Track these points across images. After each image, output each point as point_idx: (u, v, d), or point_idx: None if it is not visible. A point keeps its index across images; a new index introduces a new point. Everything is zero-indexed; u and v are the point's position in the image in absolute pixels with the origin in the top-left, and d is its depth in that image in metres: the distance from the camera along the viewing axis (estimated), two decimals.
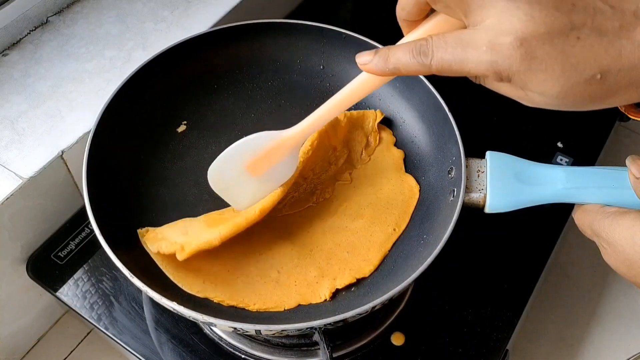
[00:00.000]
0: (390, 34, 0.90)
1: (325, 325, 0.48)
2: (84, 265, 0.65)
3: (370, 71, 0.42)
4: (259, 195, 0.54)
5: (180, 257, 0.52)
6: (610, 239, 0.47)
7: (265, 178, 0.52)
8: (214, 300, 0.53)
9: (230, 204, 0.54)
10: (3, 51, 0.70)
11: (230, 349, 0.60)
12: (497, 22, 0.34)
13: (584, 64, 0.33)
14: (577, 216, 0.52)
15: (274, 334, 0.57)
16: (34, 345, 0.72)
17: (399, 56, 0.39)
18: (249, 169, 0.51)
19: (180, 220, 0.57)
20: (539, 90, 0.35)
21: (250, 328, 0.47)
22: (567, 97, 0.35)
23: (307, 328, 0.48)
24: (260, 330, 0.48)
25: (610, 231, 0.47)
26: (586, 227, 0.50)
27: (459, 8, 0.36)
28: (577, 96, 0.34)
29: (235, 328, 0.47)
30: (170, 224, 0.56)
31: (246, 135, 0.65)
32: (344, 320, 0.48)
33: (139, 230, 0.55)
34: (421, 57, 0.37)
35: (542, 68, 0.33)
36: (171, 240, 0.54)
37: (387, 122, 0.66)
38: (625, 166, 0.50)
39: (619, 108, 0.47)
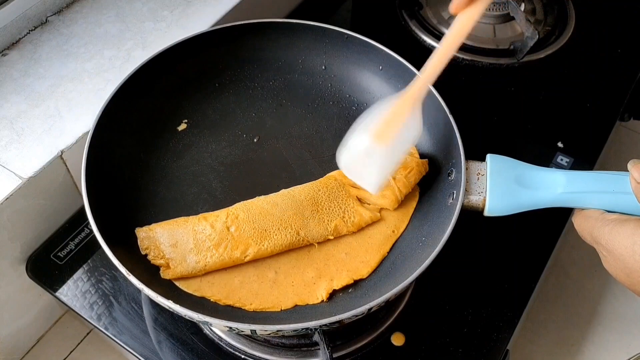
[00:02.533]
0: (390, 34, 0.90)
1: (320, 326, 0.48)
2: (84, 265, 0.65)
3: None
4: (389, 168, 0.53)
5: (164, 275, 0.53)
6: (610, 247, 0.47)
7: (393, 146, 0.51)
8: (211, 300, 0.53)
9: (363, 186, 0.53)
10: (2, 51, 0.70)
11: (229, 349, 0.60)
12: None
13: None
14: (577, 222, 0.51)
15: (269, 334, 0.57)
16: (33, 346, 0.72)
17: None
18: (377, 139, 0.51)
19: (173, 221, 0.56)
20: None
21: (245, 328, 0.47)
22: None
23: (302, 329, 0.48)
24: (255, 330, 0.48)
25: (611, 239, 0.47)
26: (586, 233, 0.50)
27: None
28: None
29: (230, 327, 0.47)
30: (163, 222, 0.56)
31: (246, 134, 0.65)
32: (340, 322, 0.48)
33: (136, 230, 0.55)
34: None
35: None
36: (159, 247, 0.54)
37: None
38: (626, 171, 0.50)
39: None
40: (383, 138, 0.51)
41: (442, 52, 0.50)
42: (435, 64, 0.51)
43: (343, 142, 0.52)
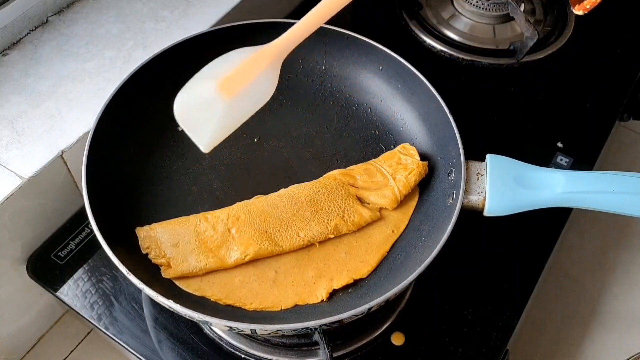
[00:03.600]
0: (390, 34, 0.90)
1: (320, 325, 0.48)
2: (84, 265, 0.65)
3: None
4: (228, 124, 0.47)
5: (165, 275, 0.53)
6: None
7: (239, 100, 0.46)
8: (211, 299, 0.53)
9: (193, 139, 0.47)
10: (3, 51, 0.70)
11: (230, 349, 0.60)
12: None
13: None
14: None
15: (270, 334, 0.57)
16: (34, 345, 0.72)
17: None
18: (222, 88, 0.46)
19: (174, 221, 0.56)
20: None
21: (245, 327, 0.47)
22: None
23: (302, 328, 0.48)
24: (255, 330, 0.48)
25: None
26: None
27: None
28: None
29: (230, 327, 0.48)
30: (164, 222, 0.56)
31: (247, 134, 0.65)
32: (339, 321, 0.48)
33: (137, 229, 0.56)
34: None
35: None
36: (160, 247, 0.54)
37: (388, 124, 0.66)
38: (627, 170, 0.50)
39: None
40: (229, 89, 0.46)
41: (315, 14, 0.47)
42: (305, 25, 0.47)
43: (188, 82, 0.46)
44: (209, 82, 0.46)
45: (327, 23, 0.66)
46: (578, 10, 0.44)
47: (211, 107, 0.46)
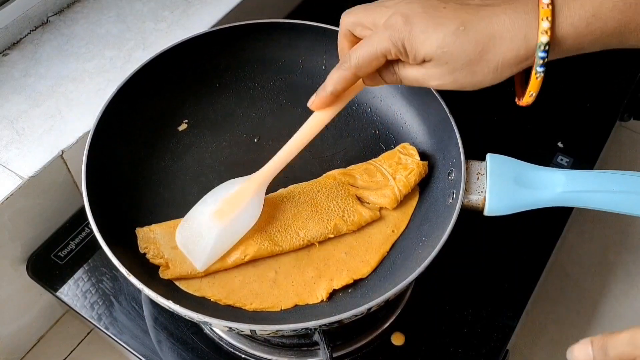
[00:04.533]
0: None
1: (320, 326, 0.48)
2: (84, 265, 0.65)
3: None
4: (223, 246, 0.54)
5: (163, 275, 0.53)
6: None
7: (231, 225, 0.54)
8: (211, 300, 0.53)
9: (191, 260, 0.54)
10: (3, 51, 0.70)
11: (230, 349, 0.60)
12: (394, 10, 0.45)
13: (448, 19, 0.42)
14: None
15: (269, 334, 0.57)
16: (34, 345, 0.73)
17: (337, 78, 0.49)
18: (217, 217, 0.53)
19: (173, 222, 0.56)
20: (425, 52, 0.43)
21: (245, 328, 0.47)
22: (449, 57, 0.43)
23: (302, 329, 0.48)
24: (255, 330, 0.48)
25: None
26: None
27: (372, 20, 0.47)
28: (454, 54, 0.42)
29: (230, 328, 0.47)
30: (164, 223, 0.56)
31: (247, 135, 0.65)
32: (339, 322, 0.48)
33: (137, 229, 0.56)
34: (342, 65, 0.48)
35: (420, 30, 0.43)
36: (159, 248, 0.54)
37: (388, 123, 0.66)
38: (627, 170, 0.50)
39: (516, 90, 0.49)
40: (222, 217, 0.53)
41: (293, 145, 0.55)
42: (284, 156, 0.55)
43: (190, 212, 0.55)
44: (205, 211, 0.54)
45: (327, 23, 0.67)
46: (524, 104, 0.48)
47: (208, 234, 0.53)
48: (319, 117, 0.54)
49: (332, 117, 0.53)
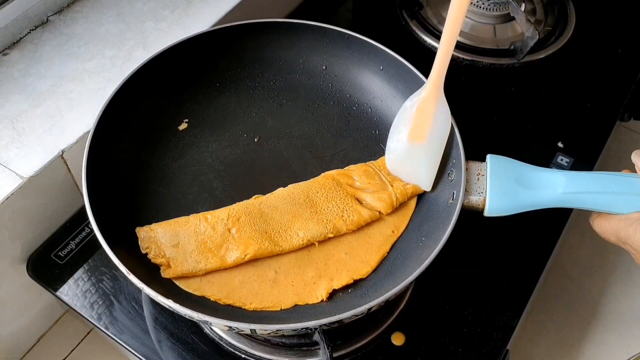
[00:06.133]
0: (390, 34, 0.90)
1: (320, 325, 0.48)
2: (84, 265, 0.65)
3: None
4: (434, 161, 0.56)
5: (164, 274, 0.53)
6: (638, 245, 0.47)
7: (431, 140, 0.55)
8: (211, 299, 0.53)
9: (417, 184, 0.57)
10: (3, 50, 0.70)
11: (230, 349, 0.60)
12: None
13: None
14: (598, 224, 0.52)
15: (269, 334, 0.57)
16: (34, 345, 0.73)
17: None
18: (413, 138, 0.55)
19: (174, 221, 0.56)
20: None
21: (245, 327, 0.47)
22: None
23: (302, 328, 0.48)
24: (255, 330, 0.48)
25: (637, 238, 0.47)
26: (610, 235, 0.51)
27: None
28: None
29: (230, 327, 0.47)
30: (165, 222, 0.56)
31: (247, 134, 0.65)
32: (339, 321, 0.48)
33: (137, 229, 0.56)
34: None
35: None
36: (160, 247, 0.54)
37: (389, 124, 0.66)
38: (626, 171, 0.50)
39: None
40: (418, 136, 0.55)
41: (450, 33, 0.52)
42: (445, 48, 0.53)
43: (387, 150, 0.57)
44: (401, 137, 0.56)
45: (327, 23, 0.67)
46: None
47: (413, 156, 0.56)
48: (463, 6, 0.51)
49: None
